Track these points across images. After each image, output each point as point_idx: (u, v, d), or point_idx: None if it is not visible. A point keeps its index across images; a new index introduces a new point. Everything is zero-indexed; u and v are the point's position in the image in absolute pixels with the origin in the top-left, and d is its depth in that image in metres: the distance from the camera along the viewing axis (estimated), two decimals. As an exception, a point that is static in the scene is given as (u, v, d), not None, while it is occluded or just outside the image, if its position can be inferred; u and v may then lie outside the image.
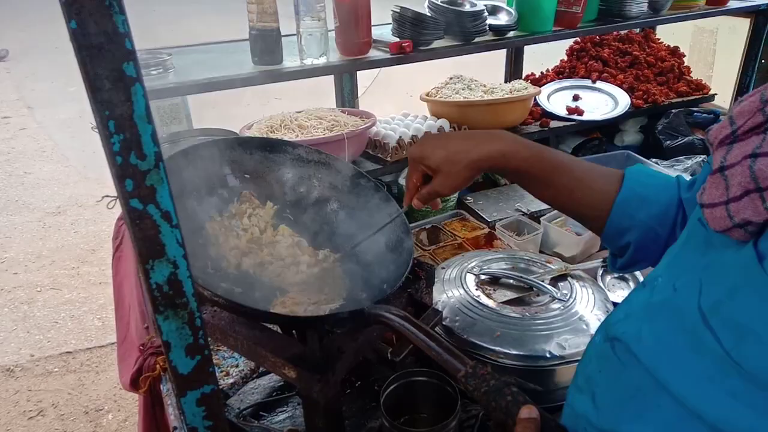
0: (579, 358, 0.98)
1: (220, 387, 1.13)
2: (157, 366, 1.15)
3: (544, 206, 1.71)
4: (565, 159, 0.82)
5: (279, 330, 0.90)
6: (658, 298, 0.57)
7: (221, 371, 1.18)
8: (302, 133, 1.56)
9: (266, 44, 1.37)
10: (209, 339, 0.92)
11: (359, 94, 1.93)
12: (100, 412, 2.42)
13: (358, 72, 1.84)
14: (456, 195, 1.75)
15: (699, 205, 0.51)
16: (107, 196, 0.51)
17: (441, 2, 1.56)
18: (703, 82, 2.28)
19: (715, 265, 0.51)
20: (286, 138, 1.51)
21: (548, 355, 0.99)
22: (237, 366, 1.19)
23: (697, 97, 2.22)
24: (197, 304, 0.59)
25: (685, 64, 2.34)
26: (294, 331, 0.89)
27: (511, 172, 0.84)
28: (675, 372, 0.50)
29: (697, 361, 0.48)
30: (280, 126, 1.59)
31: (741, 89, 2.23)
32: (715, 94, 2.27)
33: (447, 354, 0.66)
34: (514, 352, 1.00)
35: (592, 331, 1.03)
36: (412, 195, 0.89)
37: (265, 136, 1.54)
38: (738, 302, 0.46)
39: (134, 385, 1.24)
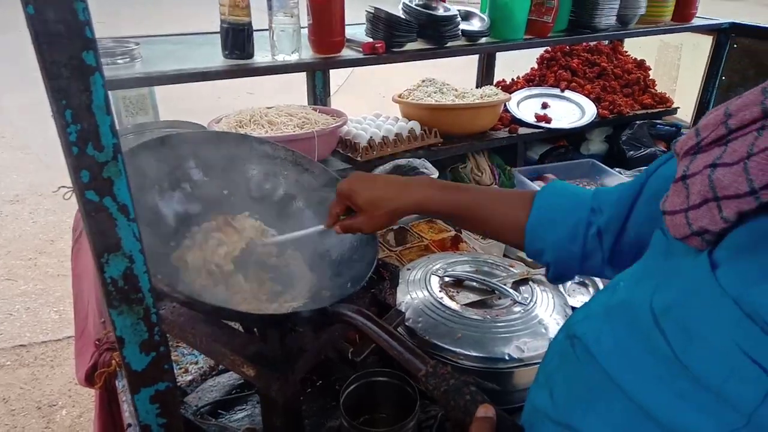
0: (538, 361, 1.00)
1: (178, 384, 1.11)
2: (113, 362, 1.12)
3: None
4: (476, 197, 0.89)
5: (240, 327, 0.89)
6: (616, 299, 0.58)
7: (180, 368, 1.16)
8: (272, 130, 1.54)
9: (237, 38, 1.35)
10: (168, 335, 0.91)
11: (332, 93, 1.92)
12: (54, 408, 2.35)
13: (331, 70, 1.83)
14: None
15: (662, 212, 0.53)
16: (63, 186, 0.50)
17: (415, 5, 1.57)
18: (667, 96, 2.35)
19: (671, 271, 0.53)
20: (255, 134, 1.49)
21: (507, 358, 1.00)
22: (196, 363, 1.17)
23: (661, 109, 2.29)
24: (153, 300, 0.58)
25: (650, 77, 2.41)
26: (255, 329, 0.89)
27: (432, 216, 0.90)
28: (628, 371, 0.52)
29: (649, 361, 0.50)
30: (250, 121, 1.57)
31: (702, 104, 2.31)
32: (678, 107, 2.35)
33: (408, 353, 0.67)
34: (474, 354, 1.01)
35: (551, 334, 1.05)
36: (333, 221, 0.94)
37: (233, 130, 1.52)
38: (688, 307, 0.47)
39: (89, 380, 1.21)
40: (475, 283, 1.18)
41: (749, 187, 0.44)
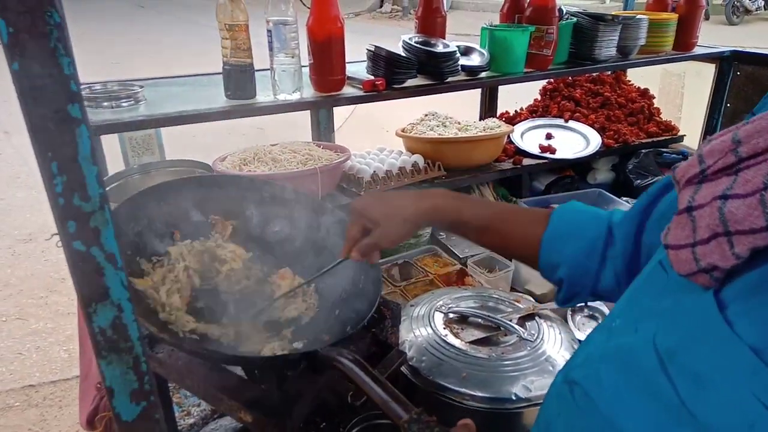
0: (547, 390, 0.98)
1: (180, 428, 1.10)
2: (114, 406, 1.11)
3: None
4: (492, 207, 0.89)
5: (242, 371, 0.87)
6: (615, 342, 0.56)
7: (182, 410, 1.15)
8: (276, 167, 1.55)
9: (239, 79, 1.37)
10: (168, 379, 0.90)
11: (336, 128, 1.94)
12: (61, 450, 2.32)
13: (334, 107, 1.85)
14: (429, 230, 1.75)
15: (663, 246, 0.50)
16: (56, 234, 0.49)
17: (414, 42, 1.59)
18: (673, 123, 2.34)
19: (674, 310, 0.50)
20: (258, 171, 1.50)
21: (514, 398, 0.98)
22: (198, 405, 1.16)
23: (667, 137, 2.28)
24: (143, 349, 0.57)
25: (654, 106, 2.41)
26: (256, 372, 0.87)
27: (447, 225, 0.91)
28: (630, 419, 0.49)
29: (652, 408, 0.47)
30: (254, 159, 1.58)
31: (708, 131, 2.29)
32: (684, 135, 2.33)
33: (393, 401, 0.65)
34: (480, 394, 0.98)
35: (559, 372, 1.02)
36: (350, 247, 0.93)
37: (238, 168, 1.53)
38: (696, 350, 0.45)
39: (91, 424, 1.19)
40: (480, 320, 1.16)
41: (767, 221, 0.41)
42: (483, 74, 1.75)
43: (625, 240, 0.74)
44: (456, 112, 2.11)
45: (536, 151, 2.03)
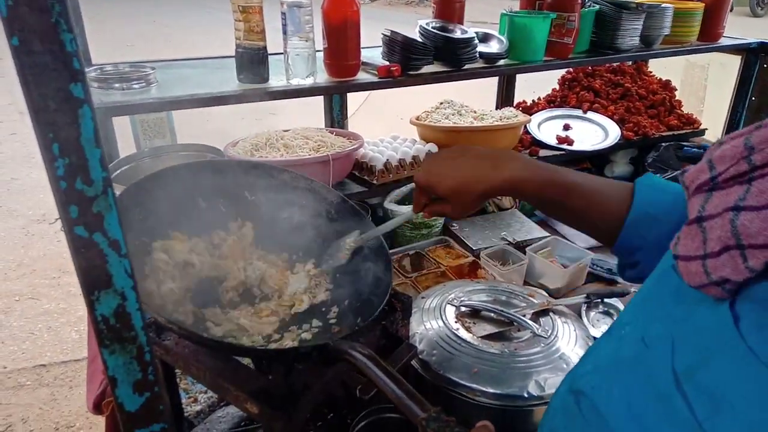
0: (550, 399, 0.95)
1: (186, 414, 1.09)
2: (120, 391, 1.10)
3: (530, 236, 1.70)
4: (577, 180, 0.81)
5: (251, 362, 0.86)
6: (627, 352, 0.53)
7: (189, 397, 1.14)
8: (287, 153, 1.53)
9: (252, 62, 1.35)
10: (175, 366, 0.89)
11: (350, 115, 1.91)
12: (71, 429, 2.35)
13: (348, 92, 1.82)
14: (441, 220, 1.73)
15: (673, 255, 0.48)
16: (60, 218, 0.47)
17: (432, 28, 1.55)
18: (694, 117, 2.28)
19: (689, 322, 0.47)
20: (270, 157, 1.48)
21: (526, 395, 0.95)
22: (206, 392, 1.14)
23: (688, 131, 2.22)
24: (147, 338, 0.55)
25: (676, 98, 2.35)
26: (264, 362, 0.86)
27: (523, 197, 0.84)
28: None
29: (664, 429, 0.44)
30: (266, 144, 1.56)
31: (731, 125, 2.23)
32: (706, 128, 2.27)
33: (407, 398, 0.62)
34: (491, 391, 0.96)
35: (573, 370, 1.00)
36: (420, 209, 0.89)
37: (249, 154, 1.51)
38: (713, 368, 0.42)
39: (97, 408, 1.19)
40: (492, 314, 1.14)
41: None
42: (501, 62, 1.71)
43: None
44: (471, 101, 2.06)
45: (553, 142, 1.99)
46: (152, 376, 0.57)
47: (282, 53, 1.42)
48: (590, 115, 2.16)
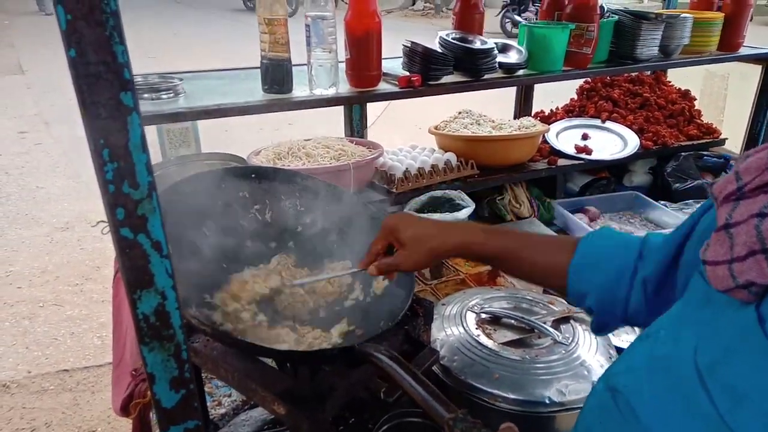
0: (579, 405, 0.95)
1: (211, 417, 1.11)
2: (148, 393, 1.13)
3: (550, 244, 1.70)
4: (520, 241, 0.88)
5: (274, 364, 0.88)
6: (659, 352, 0.55)
7: (213, 400, 1.16)
8: (309, 162, 1.56)
9: (277, 73, 1.38)
10: (203, 368, 0.91)
11: (369, 124, 1.94)
12: (93, 434, 2.38)
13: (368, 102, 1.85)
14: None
15: (701, 261, 0.50)
16: (102, 221, 0.50)
17: (452, 39, 1.58)
18: (714, 126, 2.27)
19: (714, 322, 0.49)
20: (292, 166, 1.51)
21: (548, 401, 0.96)
22: (230, 396, 1.17)
23: (708, 141, 2.21)
24: (184, 337, 0.57)
25: (695, 108, 2.34)
26: (288, 365, 0.88)
27: (474, 259, 0.95)
28: (668, 431, 0.48)
29: (690, 423, 0.46)
30: (288, 153, 1.59)
31: (752, 135, 2.22)
32: (726, 138, 2.26)
33: (433, 399, 0.64)
34: (513, 397, 0.97)
35: (594, 377, 1.00)
36: (371, 260, 0.92)
37: (272, 162, 1.54)
38: (735, 364, 0.44)
39: (125, 410, 1.22)
40: (513, 321, 1.14)
41: None
42: (520, 72, 1.72)
43: (661, 263, 0.73)
44: (490, 111, 2.08)
45: (572, 151, 1.99)
46: (188, 373, 0.59)
47: (305, 64, 1.45)
48: (609, 124, 2.17)
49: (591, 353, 1.06)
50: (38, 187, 4.54)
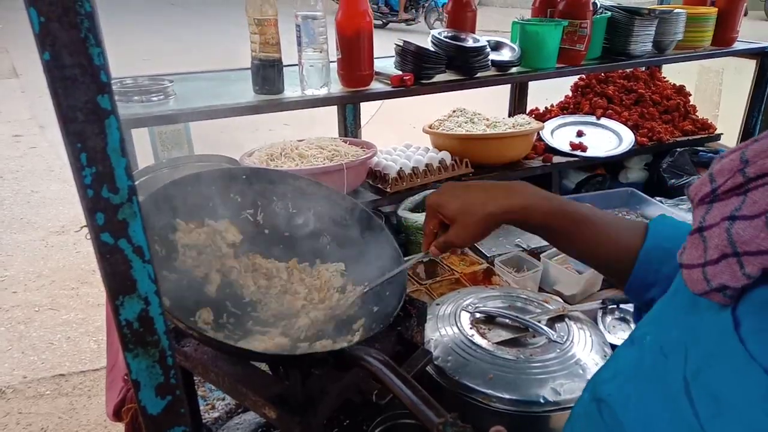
0: (574, 405, 0.95)
1: (204, 421, 1.10)
2: (140, 398, 1.12)
3: (545, 242, 1.69)
4: (587, 213, 0.79)
5: (267, 367, 0.87)
6: (647, 360, 0.54)
7: (207, 404, 1.15)
8: (302, 162, 1.55)
9: (267, 74, 1.37)
10: (193, 372, 0.90)
11: (363, 124, 1.93)
12: (90, 438, 2.37)
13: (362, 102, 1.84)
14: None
15: (678, 264, 0.49)
16: (85, 226, 0.49)
17: (444, 37, 1.57)
18: (709, 122, 2.27)
19: (697, 328, 0.49)
20: (285, 167, 1.50)
21: (542, 401, 0.95)
22: (223, 399, 1.16)
23: (703, 136, 2.21)
24: (170, 342, 0.56)
25: (690, 103, 2.33)
26: (280, 368, 0.87)
27: (531, 227, 0.82)
28: None
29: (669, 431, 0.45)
30: (281, 154, 1.58)
31: (747, 129, 2.21)
32: (721, 133, 2.26)
33: (423, 404, 0.63)
34: (507, 396, 0.96)
35: (589, 375, 0.99)
36: (429, 241, 0.88)
37: (264, 164, 1.53)
38: (715, 372, 0.43)
39: (117, 415, 1.21)
40: (507, 320, 1.14)
41: None
42: (513, 69, 1.72)
43: None
44: (484, 109, 2.08)
45: (567, 148, 1.99)
46: (174, 379, 0.58)
47: (296, 65, 1.44)
48: (604, 121, 2.16)
49: (586, 352, 1.05)
50: (33, 191, 4.52)
